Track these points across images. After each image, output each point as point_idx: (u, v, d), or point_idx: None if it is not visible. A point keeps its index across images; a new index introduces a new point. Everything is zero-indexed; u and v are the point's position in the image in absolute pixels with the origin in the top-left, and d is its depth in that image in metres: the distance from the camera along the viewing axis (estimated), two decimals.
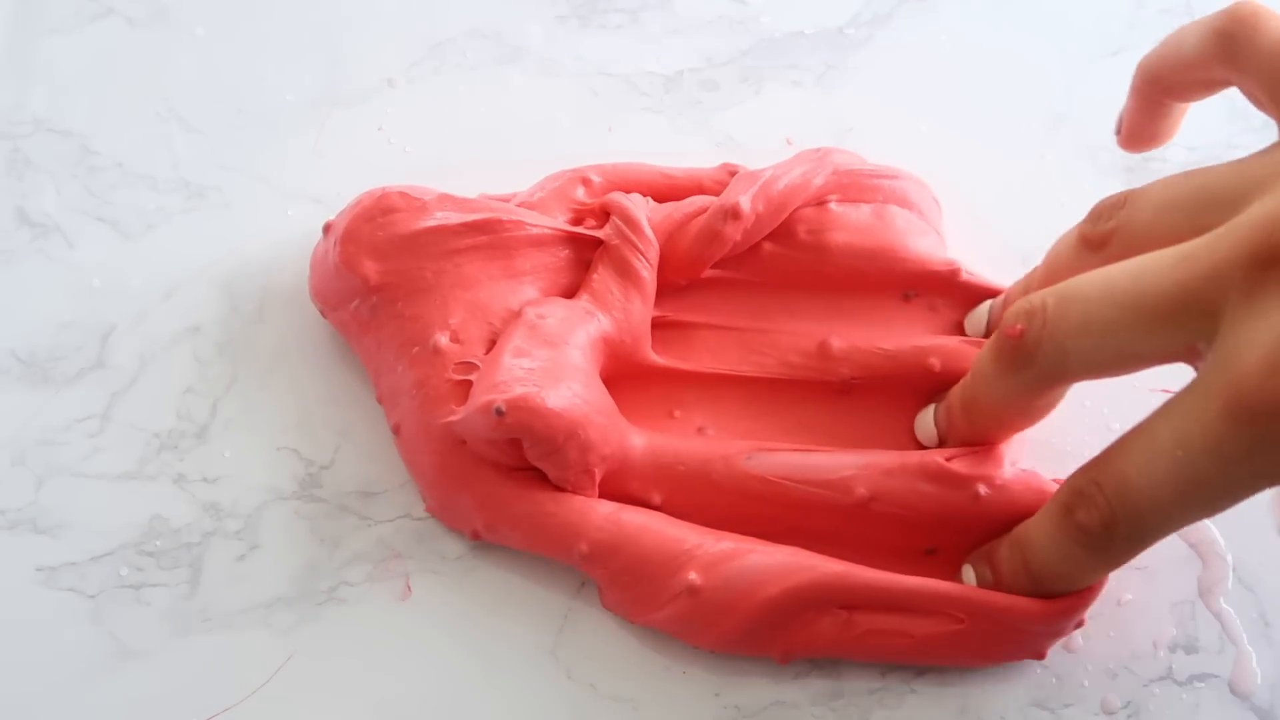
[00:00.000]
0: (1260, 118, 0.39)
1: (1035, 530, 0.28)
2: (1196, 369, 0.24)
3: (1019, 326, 0.26)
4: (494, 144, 0.38)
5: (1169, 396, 0.24)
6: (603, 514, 0.30)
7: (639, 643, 0.32)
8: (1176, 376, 0.25)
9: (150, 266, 0.35)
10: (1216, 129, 0.39)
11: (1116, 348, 0.24)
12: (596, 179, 0.34)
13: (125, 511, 0.33)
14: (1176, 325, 0.23)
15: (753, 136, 0.38)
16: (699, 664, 0.31)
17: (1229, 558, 0.33)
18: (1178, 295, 0.23)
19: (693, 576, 0.30)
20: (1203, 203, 0.25)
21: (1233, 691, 0.32)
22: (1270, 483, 0.23)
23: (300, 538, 0.33)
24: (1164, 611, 0.32)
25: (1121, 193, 0.28)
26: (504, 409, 0.29)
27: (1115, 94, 0.32)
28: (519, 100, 0.38)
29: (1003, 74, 0.39)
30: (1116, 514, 0.25)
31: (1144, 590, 0.32)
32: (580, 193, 0.34)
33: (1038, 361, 0.26)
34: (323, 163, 0.37)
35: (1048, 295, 0.26)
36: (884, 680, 0.31)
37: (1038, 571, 0.28)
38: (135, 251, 0.36)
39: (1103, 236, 0.27)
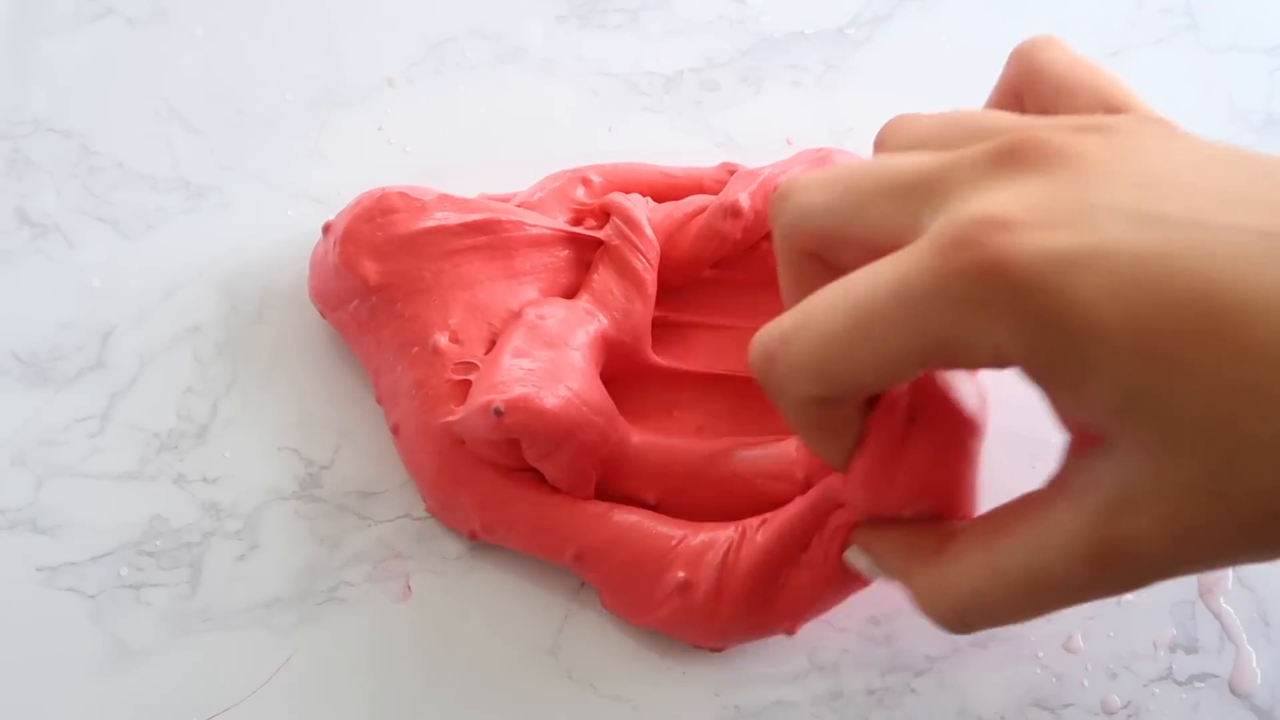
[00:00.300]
0: (1260, 118, 0.39)
1: None
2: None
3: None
4: (494, 144, 0.38)
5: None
6: (597, 517, 0.30)
7: (638, 643, 0.32)
8: None
9: (150, 266, 0.35)
10: (1219, 130, 0.39)
11: (850, 206, 0.25)
12: (596, 179, 0.34)
13: (125, 511, 0.33)
14: (905, 197, 0.24)
15: (753, 136, 0.38)
16: (698, 664, 0.31)
17: None
18: (914, 175, 0.24)
19: (681, 574, 0.30)
20: (971, 135, 0.25)
21: (1233, 691, 0.32)
22: (939, 355, 0.22)
23: (300, 538, 0.33)
24: (1164, 611, 0.32)
25: (906, 115, 0.28)
26: (503, 409, 0.29)
27: None
28: (519, 100, 0.38)
29: None
30: (777, 356, 0.25)
31: (1144, 590, 0.32)
32: (580, 193, 0.34)
33: (779, 216, 0.26)
34: (323, 163, 0.37)
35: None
36: (884, 680, 0.31)
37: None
38: (135, 251, 0.36)
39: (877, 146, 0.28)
